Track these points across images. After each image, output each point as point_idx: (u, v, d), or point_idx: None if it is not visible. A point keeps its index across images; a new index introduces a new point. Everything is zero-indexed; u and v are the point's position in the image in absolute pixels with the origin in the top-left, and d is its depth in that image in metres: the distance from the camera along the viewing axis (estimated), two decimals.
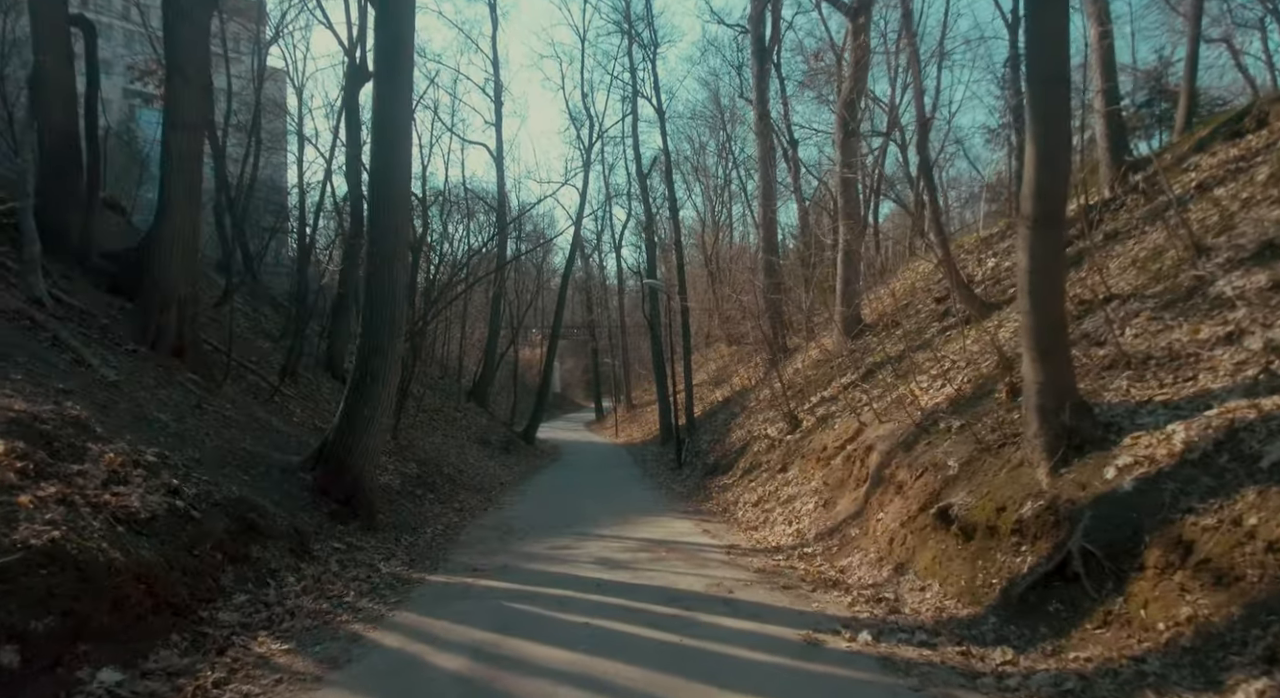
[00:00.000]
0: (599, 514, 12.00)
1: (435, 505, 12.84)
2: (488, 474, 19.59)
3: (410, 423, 20.31)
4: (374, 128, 10.16)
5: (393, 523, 10.45)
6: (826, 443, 10.13)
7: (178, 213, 11.21)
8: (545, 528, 10.73)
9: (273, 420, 11.85)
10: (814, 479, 9.76)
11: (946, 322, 11.05)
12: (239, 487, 8.02)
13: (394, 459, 14.10)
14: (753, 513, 10.47)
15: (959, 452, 6.75)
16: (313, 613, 6.34)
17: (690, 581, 7.10)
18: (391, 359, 9.56)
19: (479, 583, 7.40)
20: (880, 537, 7.15)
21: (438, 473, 15.62)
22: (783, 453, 11.56)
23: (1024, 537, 5.46)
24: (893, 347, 12.11)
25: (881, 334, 13.79)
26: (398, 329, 9.67)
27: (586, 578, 7.38)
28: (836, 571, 7.23)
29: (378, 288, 9.59)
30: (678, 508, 12.43)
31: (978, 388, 7.69)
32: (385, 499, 11.38)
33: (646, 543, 9.17)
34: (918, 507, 6.77)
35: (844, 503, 8.58)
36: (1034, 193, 5.44)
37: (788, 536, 8.86)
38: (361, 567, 7.99)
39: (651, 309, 29.95)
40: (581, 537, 9.84)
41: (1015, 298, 10.17)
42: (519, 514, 12.47)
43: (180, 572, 5.84)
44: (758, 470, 12.19)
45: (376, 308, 9.56)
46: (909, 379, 9.42)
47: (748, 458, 13.31)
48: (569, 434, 39.36)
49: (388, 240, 9.55)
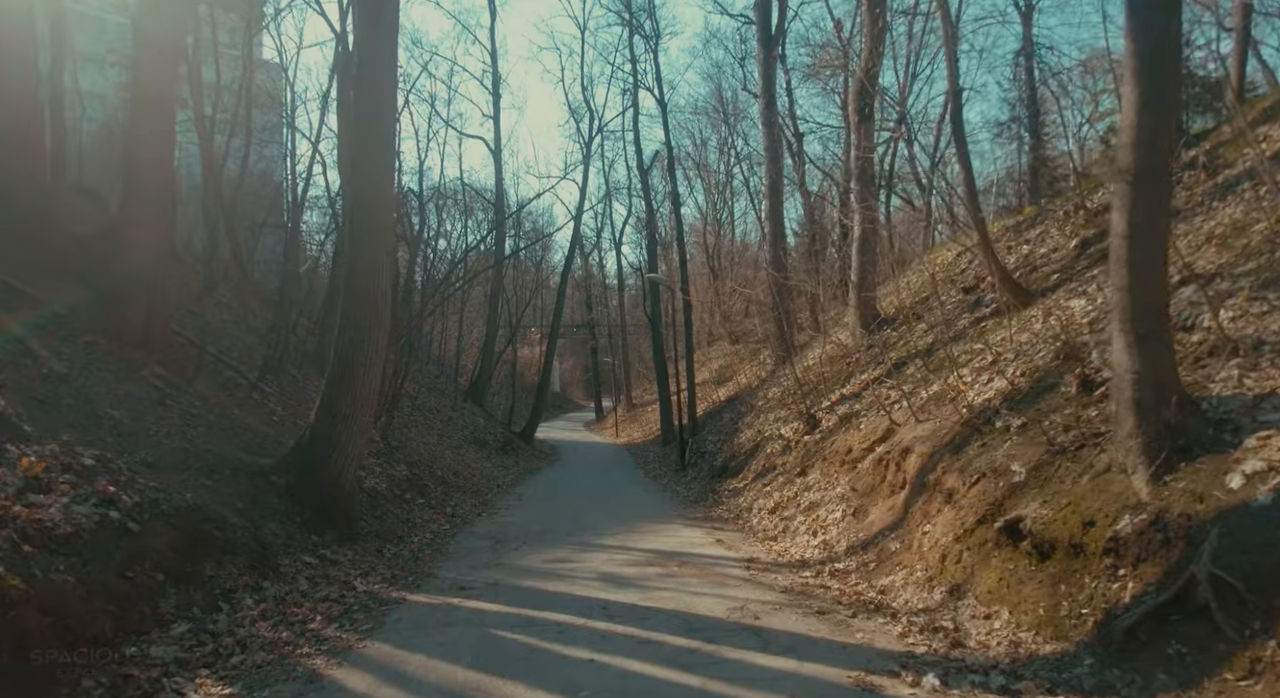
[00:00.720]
0: (601, 521, 10.99)
1: (425, 511, 11.82)
2: (484, 476, 18.58)
3: (404, 423, 19.32)
4: (356, 98, 9.17)
5: (376, 532, 9.43)
6: (851, 444, 9.13)
7: (144, 193, 10.19)
8: (543, 537, 9.72)
9: (249, 419, 10.82)
10: (839, 484, 8.76)
11: (979, 312, 10.06)
12: (196, 493, 7.01)
13: (382, 461, 13.08)
14: (770, 521, 9.47)
15: (1024, 455, 5.75)
16: (269, 644, 5.32)
17: (709, 603, 6.09)
18: (373, 352, 8.55)
19: (466, 605, 6.39)
20: (928, 553, 6.14)
21: (430, 475, 14.60)
22: (801, 455, 10.55)
23: (1121, 558, 4.46)
24: (919, 340, 11.11)
25: (902, 328, 12.79)
26: (380, 319, 8.66)
27: (589, 600, 6.37)
28: (877, 591, 6.22)
29: (358, 273, 8.59)
30: (686, 514, 11.42)
31: (1035, 382, 6.70)
32: (369, 505, 10.37)
33: (655, 555, 8.16)
34: (974, 519, 5.77)
35: (877, 512, 7.58)
36: (1134, 141, 4.45)
37: (813, 548, 7.85)
38: (334, 585, 6.98)
39: (652, 306, 28.96)
40: (583, 548, 8.83)
41: (1058, 285, 9.19)
42: (515, 521, 11.45)
43: (105, 599, 4.83)
44: (772, 474, 11.19)
45: (357, 295, 8.56)
46: (948, 373, 8.42)
47: (760, 460, 12.31)
48: (568, 434, 38.33)
49: (369, 219, 8.55)
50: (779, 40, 22.07)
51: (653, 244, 28.86)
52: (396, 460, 13.85)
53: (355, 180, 8.91)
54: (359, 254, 8.59)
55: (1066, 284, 8.84)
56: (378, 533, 9.41)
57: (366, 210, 8.57)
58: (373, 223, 8.55)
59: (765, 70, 21.22)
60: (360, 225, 8.62)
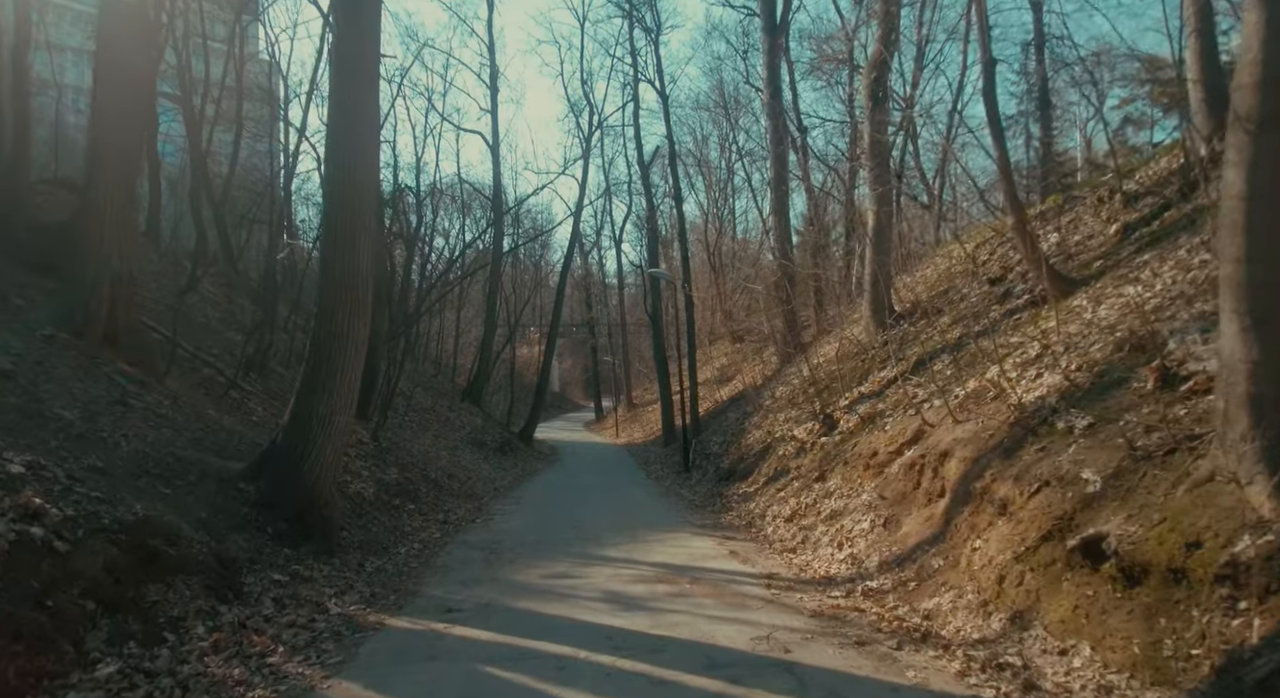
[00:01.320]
0: (603, 529, 10.15)
1: (415, 518, 10.98)
2: (480, 478, 17.73)
3: (398, 423, 18.49)
4: (334, 69, 8.31)
5: (359, 542, 8.59)
6: (877, 447, 8.30)
7: (110, 177, 9.33)
8: (541, 547, 8.88)
9: (225, 420, 9.97)
10: (864, 491, 7.93)
11: (1010, 303, 9.23)
12: (149, 503, 6.16)
13: (371, 464, 12.25)
14: (787, 530, 8.63)
15: (1097, 460, 4.92)
16: (216, 684, 4.48)
17: (729, 631, 5.26)
18: (353, 345, 7.71)
19: (453, 632, 5.55)
20: (980, 572, 5.31)
21: (423, 479, 13.76)
22: (818, 458, 9.72)
23: (1241, 588, 3.64)
24: (944, 334, 10.29)
25: (921, 322, 11.97)
26: (361, 309, 7.81)
27: (593, 626, 5.53)
28: (922, 616, 5.39)
29: (336, 260, 7.74)
30: (693, 521, 10.58)
31: (1097, 376, 5.87)
32: (353, 513, 9.53)
33: (664, 570, 7.32)
34: (1037, 534, 4.94)
35: (912, 523, 6.75)
36: (1259, 79, 3.62)
37: (840, 562, 7.02)
38: (305, 607, 6.13)
39: (653, 303, 28.15)
40: (584, 561, 7.99)
41: (1103, 272, 8.37)
42: (511, 528, 10.61)
43: (10, 636, 3.99)
44: (785, 478, 10.35)
45: (335, 283, 7.71)
46: (983, 369, 7.59)
47: (771, 463, 11.47)
48: (568, 435, 37.48)
49: (349, 200, 7.70)
50: (784, 29, 21.25)
51: (653, 240, 28.05)
52: (387, 463, 13.02)
53: (333, 157, 8.06)
54: (337, 238, 7.75)
55: (1113, 271, 8.02)
56: (361, 544, 8.57)
57: (346, 186, 7.72)
58: (352, 204, 7.70)
59: (770, 60, 20.41)
60: (338, 206, 7.77)
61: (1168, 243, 7.75)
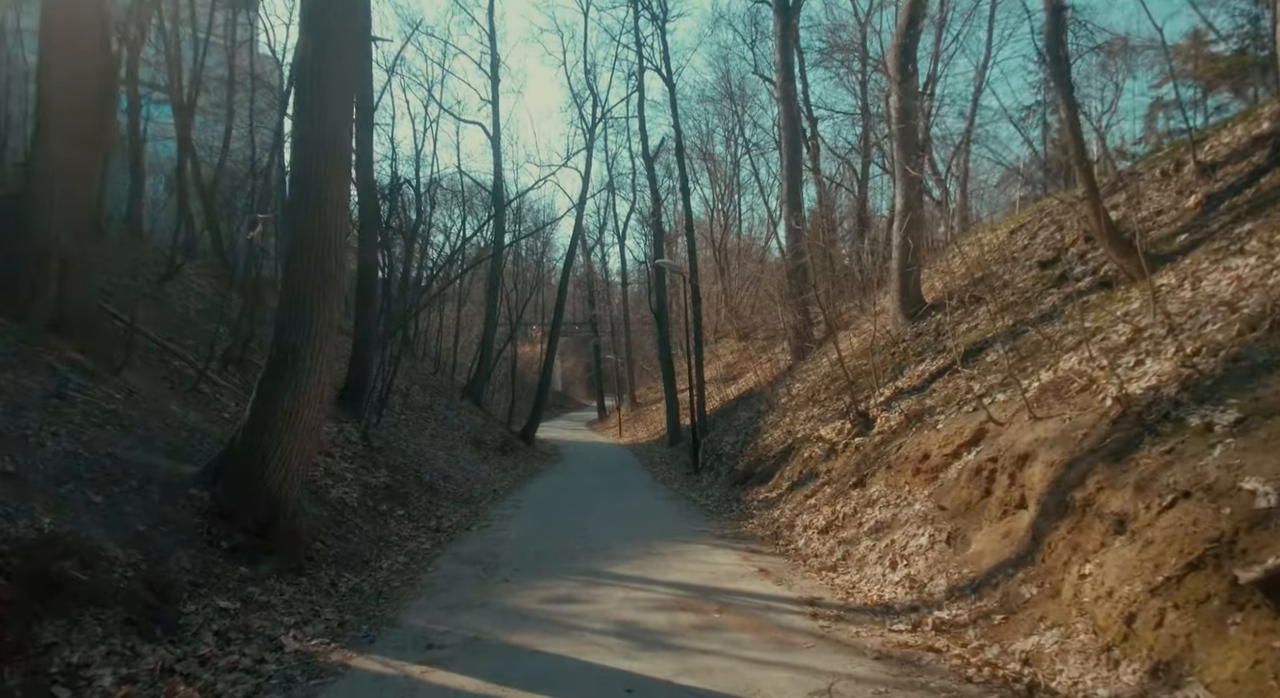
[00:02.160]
0: (611, 538, 9.01)
1: (404, 525, 9.83)
2: (479, 480, 16.59)
3: (394, 422, 17.39)
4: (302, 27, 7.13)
5: (336, 555, 7.44)
6: (928, 449, 7.13)
7: (57, 146, 8.20)
8: (542, 561, 7.73)
9: (189, 416, 8.81)
10: (916, 500, 6.76)
11: (1071, 287, 8.06)
12: (68, 516, 5.03)
13: (359, 465, 11.11)
14: (823, 544, 7.47)
15: (1263, 467, 3.76)
16: None
17: (778, 680, 4.11)
18: (322, 333, 6.56)
19: (430, 678, 4.39)
20: (1093, 606, 4.16)
21: (415, 481, 12.61)
22: (854, 461, 8.55)
23: None
24: (991, 323, 9.14)
25: (957, 312, 10.81)
26: (329, 292, 6.65)
27: (606, 671, 4.38)
28: (1019, 660, 4.24)
29: (302, 235, 6.59)
30: (711, 530, 9.41)
31: (1228, 360, 4.71)
32: (333, 520, 8.38)
33: (686, 593, 6.17)
34: (1181, 561, 3.79)
35: (986, 540, 5.59)
36: None
37: (896, 586, 5.86)
38: (255, 642, 4.98)
39: (658, 298, 27.01)
40: (591, 579, 6.83)
41: (1190, 247, 7.21)
42: (509, 537, 9.45)
43: None
44: (814, 482, 9.19)
45: (302, 264, 6.57)
46: (1055, 357, 6.43)
47: (795, 465, 10.30)
48: (570, 434, 36.35)
49: (315, 156, 6.56)
50: (797, 9, 20.11)
51: (658, 234, 26.92)
52: (377, 465, 11.88)
53: (302, 104, 6.91)
54: (304, 199, 6.60)
55: (1205, 244, 6.87)
56: (337, 558, 7.42)
57: (313, 140, 6.57)
58: (318, 160, 6.55)
59: (782, 43, 19.27)
60: (305, 161, 6.62)
61: (1272, 210, 6.62)
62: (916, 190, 12.20)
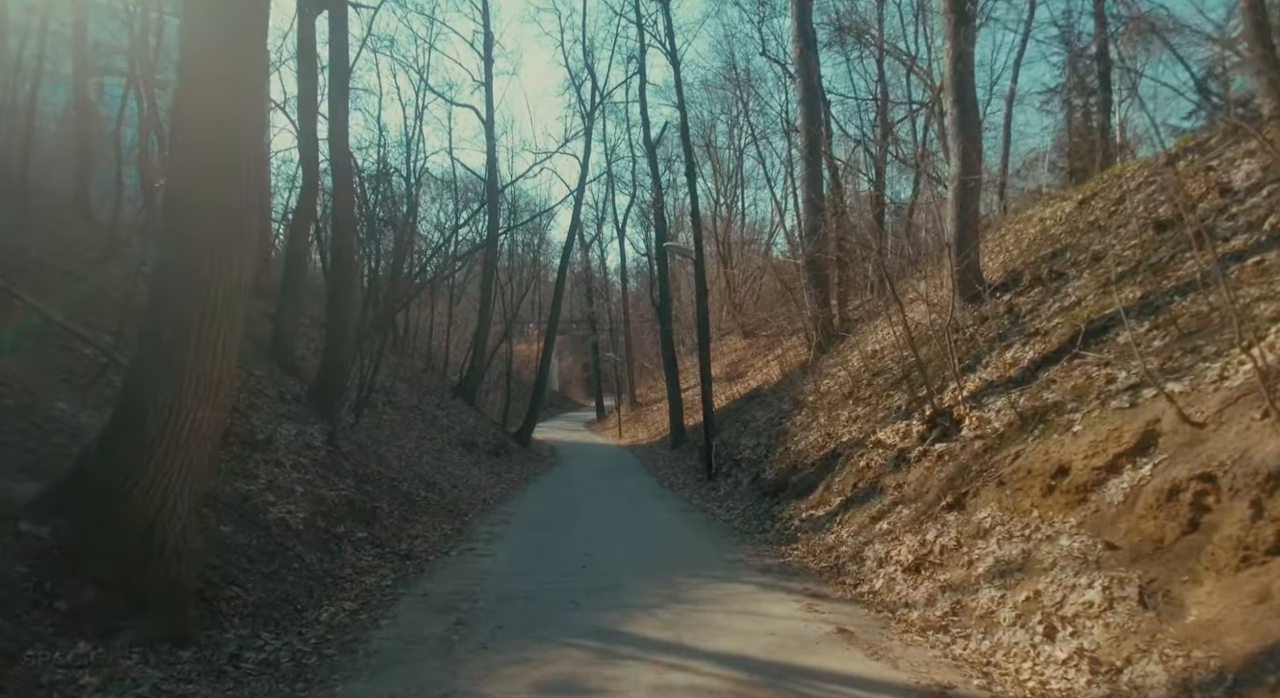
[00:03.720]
0: (623, 570, 6.94)
1: (365, 552, 7.73)
2: (468, 486, 14.50)
3: (376, 423, 15.32)
4: None
5: (254, 605, 5.32)
6: (1065, 459, 5.08)
7: None
8: (533, 610, 5.64)
9: (81, 416, 6.69)
10: (1061, 533, 4.70)
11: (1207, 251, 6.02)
12: None
13: (316, 475, 9.02)
14: (913, 587, 5.41)
15: None
16: None
17: None
18: (221, 298, 4.47)
19: None
20: None
21: (389, 492, 10.50)
22: (939, 474, 6.48)
23: None
24: (1100, 298, 7.13)
25: (1034, 291, 8.81)
26: (238, 240, 4.56)
27: None
28: None
29: (193, 161, 4.51)
30: (748, 559, 7.33)
31: None
32: (262, 552, 6.27)
33: (745, 675, 4.10)
34: None
35: (1215, 601, 3.55)
36: None
37: (1063, 666, 3.81)
38: None
39: (661, 292, 24.97)
40: (603, 646, 4.75)
41: None
42: (495, 568, 7.36)
43: None
44: (878, 499, 7.12)
45: (191, 199, 4.49)
46: (1254, 332, 4.39)
47: (846, 477, 8.23)
48: (568, 435, 34.23)
49: (210, 56, 4.47)
50: None
51: (661, 223, 24.88)
52: (342, 474, 9.78)
53: None
54: (193, 109, 4.50)
55: None
56: (258, 608, 5.31)
57: (213, 47, 4.49)
58: (216, 62, 4.46)
59: (799, 7, 17.25)
60: (196, 63, 4.53)
61: None
62: (976, 150, 10.16)
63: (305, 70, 14.60)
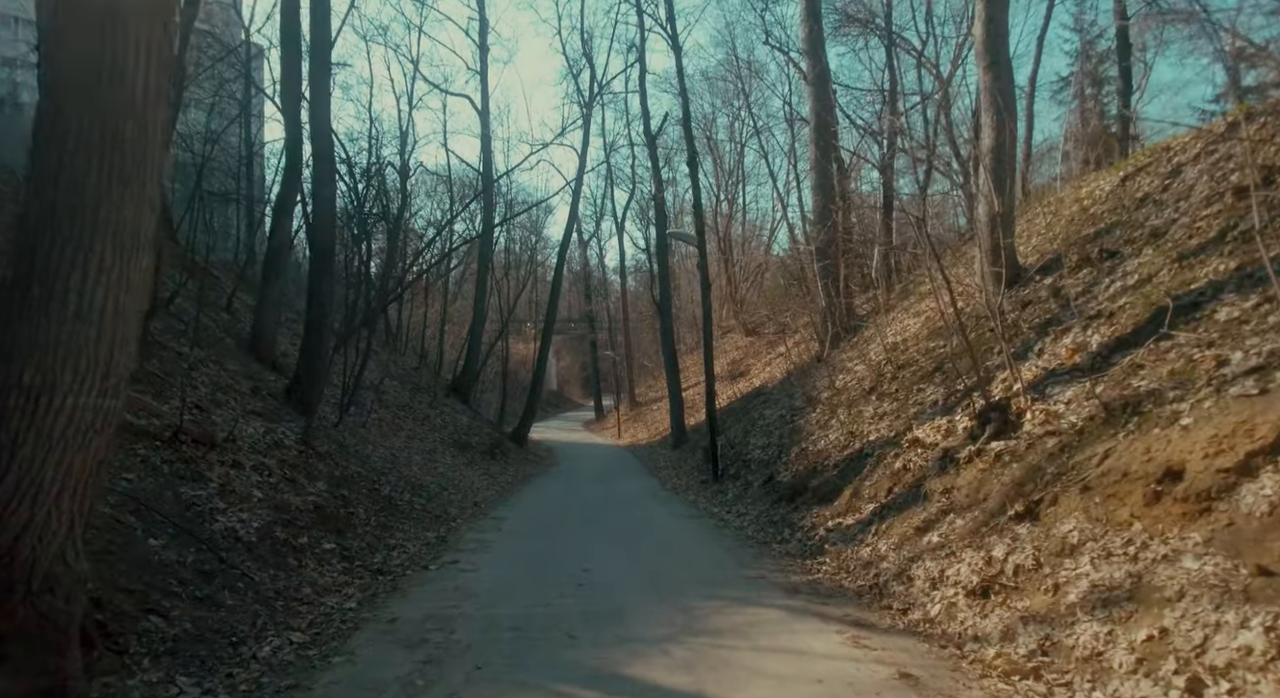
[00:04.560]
0: (627, 591, 5.90)
1: (329, 567, 6.67)
2: (459, 489, 13.45)
3: (363, 421, 14.30)
4: None
5: (176, 640, 4.26)
6: (1176, 458, 4.05)
7: None
8: (521, 648, 4.59)
9: None
10: (1183, 552, 3.67)
11: None
12: None
13: (284, 478, 7.98)
14: (982, 615, 4.37)
15: None
16: None
17: None
18: (110, 263, 3.42)
19: None
20: None
21: (368, 496, 9.44)
22: (1000, 478, 5.43)
23: None
24: (1174, 276, 6.11)
25: (1082, 272, 7.79)
26: (137, 168, 3.52)
27: None
28: None
29: (68, 63, 3.47)
30: (772, 576, 6.27)
31: None
32: (198, 572, 5.21)
33: None
34: None
35: None
36: None
37: None
38: None
39: (661, 287, 24.00)
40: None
41: None
42: (479, 588, 6.30)
43: None
44: (922, 507, 6.07)
45: (64, 120, 3.44)
46: None
47: (879, 481, 7.18)
48: (566, 435, 33.20)
49: None
50: None
51: (661, 217, 23.90)
52: (314, 476, 8.73)
53: None
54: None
55: None
56: (179, 645, 4.25)
57: None
58: None
59: None
60: None
61: None
62: (1011, 117, 9.14)
63: (288, 50, 13.55)
